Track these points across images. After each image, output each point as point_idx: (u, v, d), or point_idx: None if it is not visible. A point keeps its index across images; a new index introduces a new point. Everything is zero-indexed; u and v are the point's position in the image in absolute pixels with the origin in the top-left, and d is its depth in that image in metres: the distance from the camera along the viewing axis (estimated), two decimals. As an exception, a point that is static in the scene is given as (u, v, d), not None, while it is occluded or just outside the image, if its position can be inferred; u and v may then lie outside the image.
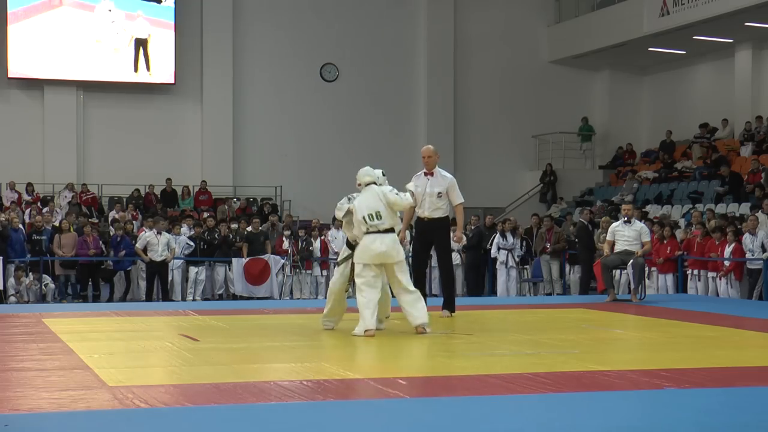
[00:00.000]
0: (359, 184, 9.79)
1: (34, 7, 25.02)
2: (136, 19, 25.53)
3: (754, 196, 20.01)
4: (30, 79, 25.15)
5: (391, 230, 9.58)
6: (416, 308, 9.55)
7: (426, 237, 11.38)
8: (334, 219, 20.51)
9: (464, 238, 11.16)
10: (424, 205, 11.13)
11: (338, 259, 10.13)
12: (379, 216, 9.53)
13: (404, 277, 9.63)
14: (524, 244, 19.79)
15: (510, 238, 19.43)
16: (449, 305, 11.29)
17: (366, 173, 9.81)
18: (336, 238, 20.15)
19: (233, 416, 5.59)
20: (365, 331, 9.30)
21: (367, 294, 9.44)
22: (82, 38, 25.24)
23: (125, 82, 25.68)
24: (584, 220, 18.81)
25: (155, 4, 25.64)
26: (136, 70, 25.55)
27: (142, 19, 25.54)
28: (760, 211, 17.66)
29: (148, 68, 25.60)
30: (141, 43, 25.54)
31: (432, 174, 11.18)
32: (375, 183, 9.76)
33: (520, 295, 19.29)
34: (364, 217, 9.50)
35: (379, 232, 9.49)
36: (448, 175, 11.34)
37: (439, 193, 11.11)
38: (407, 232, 11.45)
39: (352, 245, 9.78)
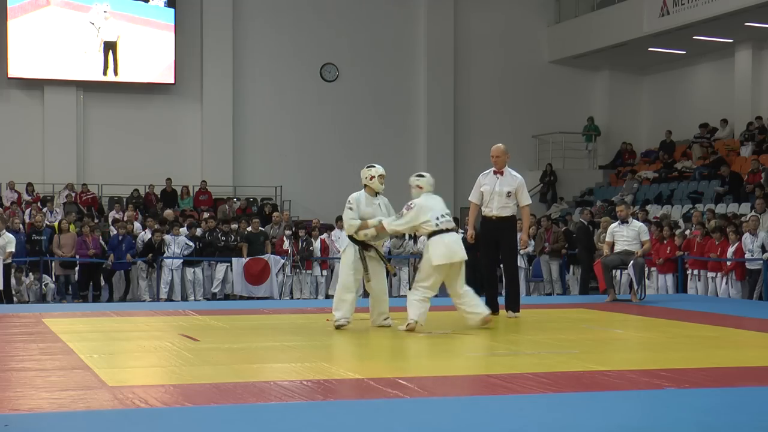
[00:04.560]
0: (420, 187, 9.96)
1: (29, 4, 25.00)
2: (106, 21, 25.35)
3: (754, 196, 20.00)
4: (30, 79, 25.15)
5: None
6: (476, 305, 9.92)
7: (493, 236, 11.26)
8: (338, 219, 20.51)
9: (531, 242, 11.28)
10: (493, 203, 11.10)
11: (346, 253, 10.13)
12: (448, 215, 9.90)
13: (463, 277, 9.96)
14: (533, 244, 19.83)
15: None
16: (515, 305, 11.28)
17: (433, 183, 10.12)
18: (340, 238, 20.15)
19: (233, 416, 5.58)
20: (408, 324, 9.60)
21: (426, 301, 9.77)
22: (81, 38, 25.25)
23: (125, 82, 25.68)
24: (584, 221, 18.81)
25: (152, 4, 25.66)
26: (104, 73, 25.42)
27: (113, 20, 25.39)
28: (753, 211, 17.64)
29: (116, 72, 25.41)
30: (110, 46, 25.39)
31: (502, 173, 11.09)
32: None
33: (527, 295, 19.27)
34: (437, 216, 9.75)
35: (448, 230, 9.76)
36: (518, 176, 11.20)
37: (509, 192, 11.03)
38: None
39: (357, 241, 9.87)
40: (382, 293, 10.09)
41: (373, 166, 10.16)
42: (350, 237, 9.98)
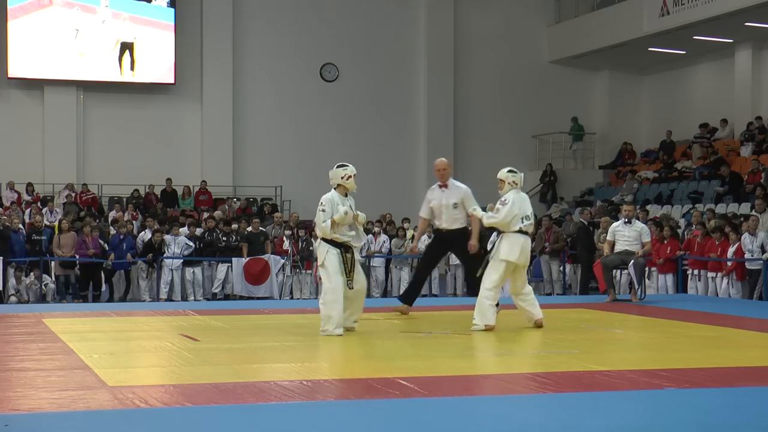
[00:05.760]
0: (515, 183, 10.10)
1: (29, 4, 24.99)
2: (123, 22, 25.40)
3: (754, 196, 20.00)
4: (30, 79, 25.15)
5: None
6: (535, 306, 10.22)
7: (444, 245, 11.73)
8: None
9: (477, 246, 11.29)
10: (442, 217, 11.32)
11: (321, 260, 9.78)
12: (532, 216, 10.17)
13: (525, 278, 10.34)
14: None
15: None
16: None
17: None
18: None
19: (233, 416, 5.59)
20: (486, 325, 9.84)
21: (496, 303, 10.05)
22: (81, 38, 25.24)
23: (125, 82, 25.68)
24: (584, 220, 18.80)
25: (155, 4, 25.65)
26: (120, 72, 25.49)
27: (128, 22, 25.41)
28: (753, 211, 17.64)
29: (132, 69, 25.49)
30: (127, 47, 25.41)
31: (446, 186, 11.28)
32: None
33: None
34: (522, 217, 9.96)
35: (527, 234, 10.05)
36: (462, 186, 11.35)
37: (455, 203, 11.19)
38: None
39: (338, 244, 9.62)
40: (362, 293, 9.80)
41: (347, 166, 9.99)
42: (329, 241, 9.58)
